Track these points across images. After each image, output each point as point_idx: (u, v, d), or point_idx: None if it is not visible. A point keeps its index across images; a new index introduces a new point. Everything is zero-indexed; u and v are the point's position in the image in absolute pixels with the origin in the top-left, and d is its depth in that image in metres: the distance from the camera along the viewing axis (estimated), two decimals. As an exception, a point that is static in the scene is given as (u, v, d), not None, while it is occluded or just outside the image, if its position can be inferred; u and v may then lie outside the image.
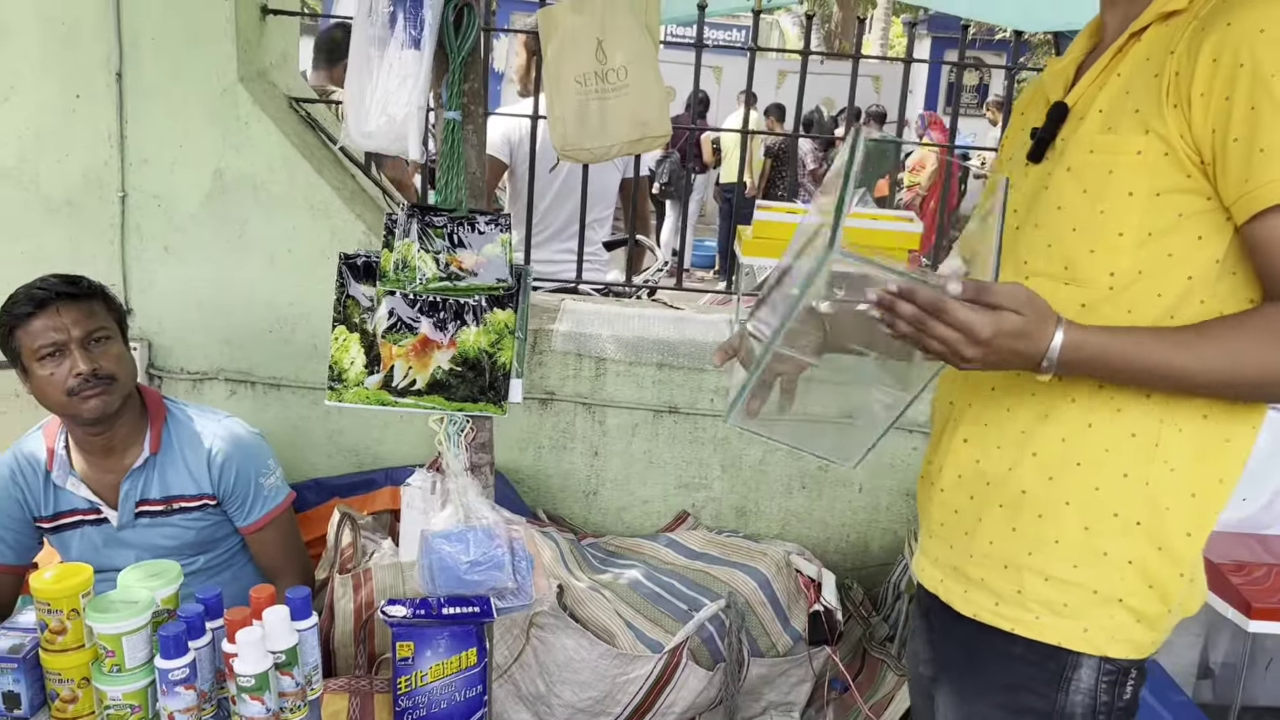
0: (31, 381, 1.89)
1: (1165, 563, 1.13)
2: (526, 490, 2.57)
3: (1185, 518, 1.12)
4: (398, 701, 1.78)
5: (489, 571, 1.76)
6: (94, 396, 1.87)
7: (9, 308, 1.87)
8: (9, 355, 1.90)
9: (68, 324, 1.87)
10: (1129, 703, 1.18)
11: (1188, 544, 1.13)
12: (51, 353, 1.86)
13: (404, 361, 1.79)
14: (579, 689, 2.00)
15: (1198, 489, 1.12)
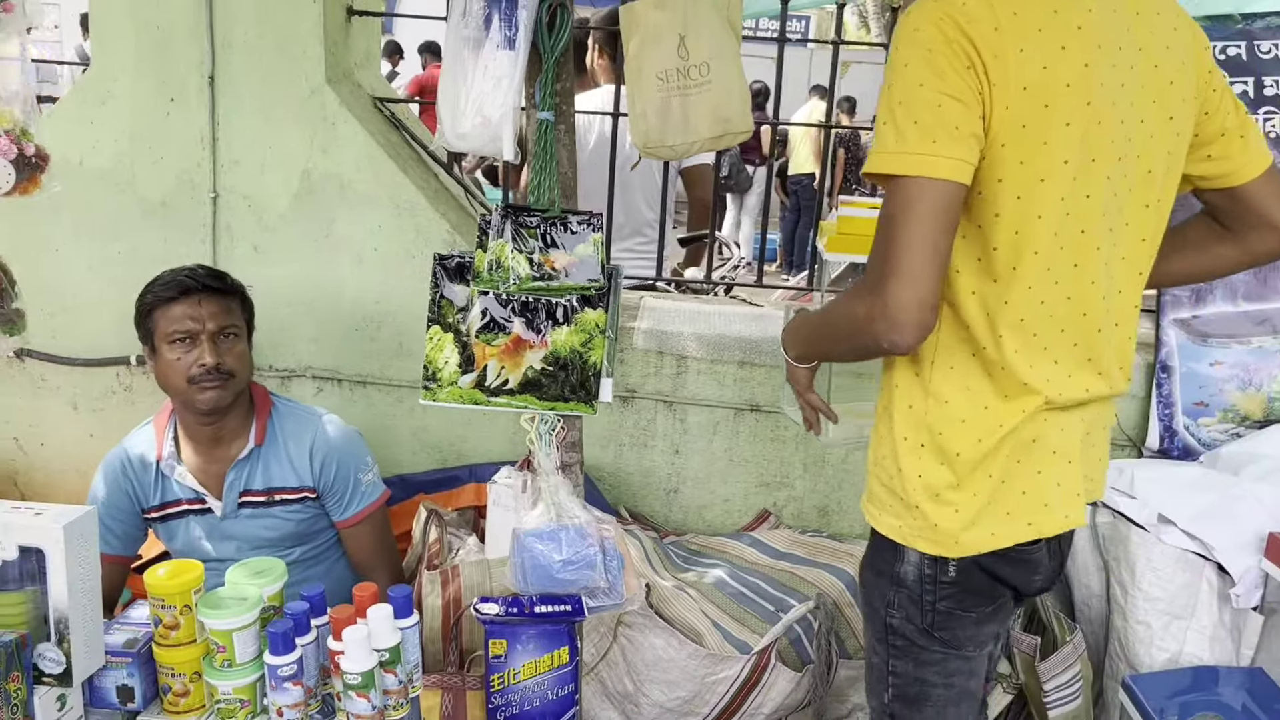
0: (157, 361, 1.98)
1: (947, 493, 1.36)
2: (608, 488, 2.57)
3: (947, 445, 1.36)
4: (490, 699, 1.80)
5: (581, 570, 1.76)
6: (212, 389, 1.94)
7: (154, 288, 1.98)
8: (142, 332, 2.00)
9: (205, 315, 1.96)
10: (955, 578, 1.38)
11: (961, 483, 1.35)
12: (183, 339, 1.94)
13: (497, 361, 1.79)
14: (667, 688, 2.00)
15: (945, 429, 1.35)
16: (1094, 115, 1.26)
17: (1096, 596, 2.25)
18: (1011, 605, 1.49)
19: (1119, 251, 1.35)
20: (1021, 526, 1.36)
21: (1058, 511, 1.37)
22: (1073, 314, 1.33)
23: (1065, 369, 1.34)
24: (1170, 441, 2.43)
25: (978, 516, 1.35)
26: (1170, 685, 1.96)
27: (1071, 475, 1.38)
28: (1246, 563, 2.02)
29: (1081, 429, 1.39)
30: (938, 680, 1.46)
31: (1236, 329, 2.40)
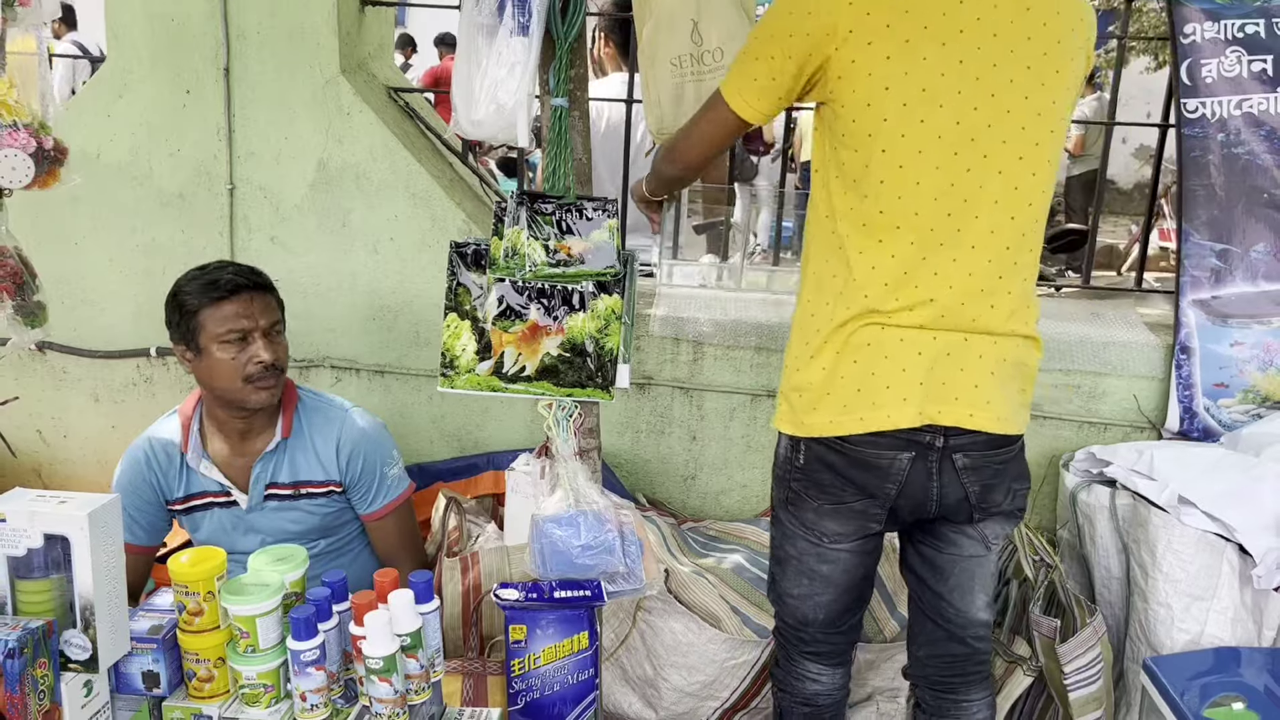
0: (204, 361, 1.94)
1: (794, 375, 1.62)
2: (625, 475, 2.58)
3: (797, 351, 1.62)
4: (511, 684, 1.81)
5: (600, 555, 1.77)
6: (266, 387, 1.95)
7: (193, 288, 1.93)
8: (182, 333, 1.94)
9: (256, 312, 1.95)
10: (804, 465, 1.62)
11: (801, 368, 1.60)
12: (239, 338, 1.93)
13: (514, 348, 1.80)
14: (687, 673, 2.01)
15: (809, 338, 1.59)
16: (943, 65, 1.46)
17: (1116, 579, 2.24)
18: (871, 515, 1.61)
19: (984, 194, 1.49)
20: (854, 420, 1.54)
21: (882, 411, 1.53)
22: (918, 235, 1.50)
23: (909, 282, 1.51)
24: (1190, 423, 2.41)
25: (818, 403, 1.56)
26: (1192, 666, 1.95)
27: (905, 383, 1.52)
28: (1268, 543, 2.00)
29: (935, 348, 1.52)
30: (793, 552, 1.70)
31: (1256, 309, 2.38)
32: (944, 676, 1.74)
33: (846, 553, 1.67)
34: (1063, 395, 2.45)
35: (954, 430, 1.53)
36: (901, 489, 1.57)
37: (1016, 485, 1.62)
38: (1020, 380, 1.58)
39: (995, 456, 1.57)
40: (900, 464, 1.55)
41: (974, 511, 1.59)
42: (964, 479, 1.56)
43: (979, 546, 1.64)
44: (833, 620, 1.74)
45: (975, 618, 1.68)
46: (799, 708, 1.80)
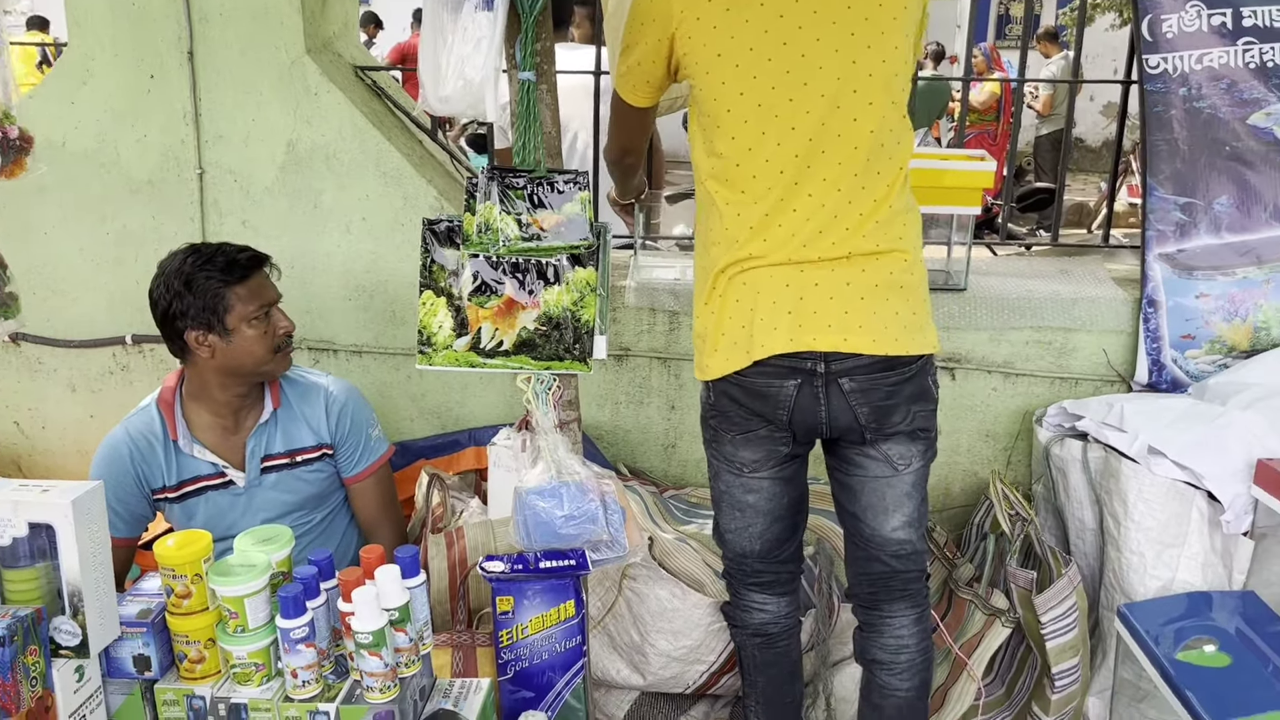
0: (233, 341, 1.95)
1: (696, 325, 1.77)
2: (606, 446, 2.60)
3: (696, 303, 1.77)
4: (500, 654, 1.84)
5: (583, 525, 1.79)
6: (289, 354, 2.07)
7: (218, 271, 1.93)
8: (205, 318, 1.92)
9: (268, 287, 2.02)
10: (714, 402, 1.77)
11: (699, 316, 1.75)
12: (265, 313, 1.99)
13: (490, 323, 1.81)
14: (673, 638, 2.04)
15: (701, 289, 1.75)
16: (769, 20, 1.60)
17: (1090, 530, 2.29)
18: (777, 439, 1.74)
19: (827, 131, 1.61)
20: (741, 355, 1.66)
21: (759, 343, 1.64)
22: (774, 179, 1.63)
23: (772, 223, 1.64)
24: (1159, 375, 2.45)
25: (715, 347, 1.70)
26: (1164, 612, 2.01)
27: (775, 314, 1.64)
28: (1236, 489, 2.06)
29: (803, 280, 1.63)
30: (723, 488, 1.84)
31: (1221, 261, 2.42)
32: (869, 593, 1.82)
33: (768, 480, 1.79)
34: (1034, 352, 2.49)
35: (834, 356, 1.63)
36: (792, 414, 1.68)
37: (916, 406, 1.69)
38: (902, 300, 1.65)
39: (885, 379, 1.64)
40: (787, 390, 1.66)
41: (865, 432, 1.68)
42: (852, 401, 1.65)
43: (885, 468, 1.71)
44: (769, 550, 1.85)
45: (890, 537, 1.75)
46: (751, 640, 1.90)
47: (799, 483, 1.85)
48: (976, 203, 2.43)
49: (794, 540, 1.90)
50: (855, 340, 1.63)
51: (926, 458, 1.78)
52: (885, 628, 1.83)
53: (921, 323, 1.70)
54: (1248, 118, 2.37)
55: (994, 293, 2.51)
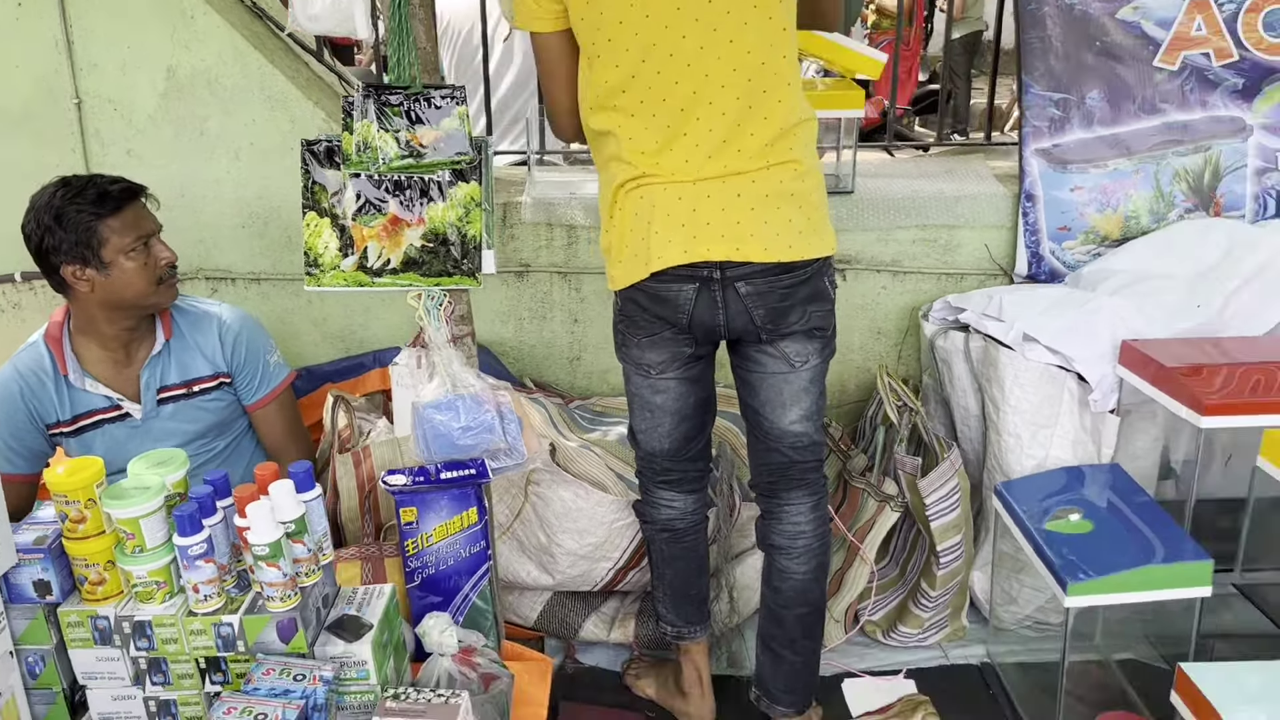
0: (111, 275, 1.93)
1: (602, 240, 1.83)
2: (512, 361, 2.65)
3: (601, 220, 1.82)
4: (407, 563, 1.90)
5: (480, 435, 1.84)
6: (173, 285, 2.04)
7: (89, 204, 1.90)
8: (79, 252, 1.90)
9: (146, 216, 1.99)
10: (622, 308, 1.84)
11: (605, 231, 1.81)
12: (143, 244, 1.96)
13: (376, 242, 1.83)
14: (578, 536, 2.12)
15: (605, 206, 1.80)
16: None
17: (974, 416, 2.41)
18: (680, 341, 1.81)
19: (706, 54, 1.64)
20: (641, 266, 1.73)
21: (656, 255, 1.70)
22: (659, 106, 1.66)
23: (664, 145, 1.68)
24: (1038, 267, 2.57)
25: (619, 259, 1.77)
26: (1036, 487, 2.14)
27: (670, 227, 1.70)
28: (1103, 370, 2.18)
29: (695, 193, 1.69)
30: (634, 390, 1.91)
31: (1093, 154, 2.52)
32: (769, 483, 1.91)
33: (674, 380, 1.87)
34: (920, 250, 2.58)
35: (728, 264, 1.69)
36: (692, 317, 1.76)
37: (812, 307, 1.76)
38: (794, 207, 1.71)
39: (780, 282, 1.72)
40: (686, 295, 1.74)
41: (761, 333, 1.76)
42: (748, 304, 1.72)
43: (783, 365, 1.80)
44: (678, 449, 1.94)
45: (788, 429, 1.84)
46: (659, 535, 2.00)
47: (705, 384, 1.92)
48: (859, 105, 2.48)
49: (700, 439, 1.97)
50: (747, 249, 1.69)
51: (824, 355, 1.85)
52: (783, 515, 1.92)
53: (816, 227, 1.75)
54: (1116, 12, 2.45)
55: (881, 194, 2.58)
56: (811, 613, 1.94)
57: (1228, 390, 1.94)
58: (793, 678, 1.97)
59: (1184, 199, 2.52)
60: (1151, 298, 2.30)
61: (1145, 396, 2.10)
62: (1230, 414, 1.92)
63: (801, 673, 1.97)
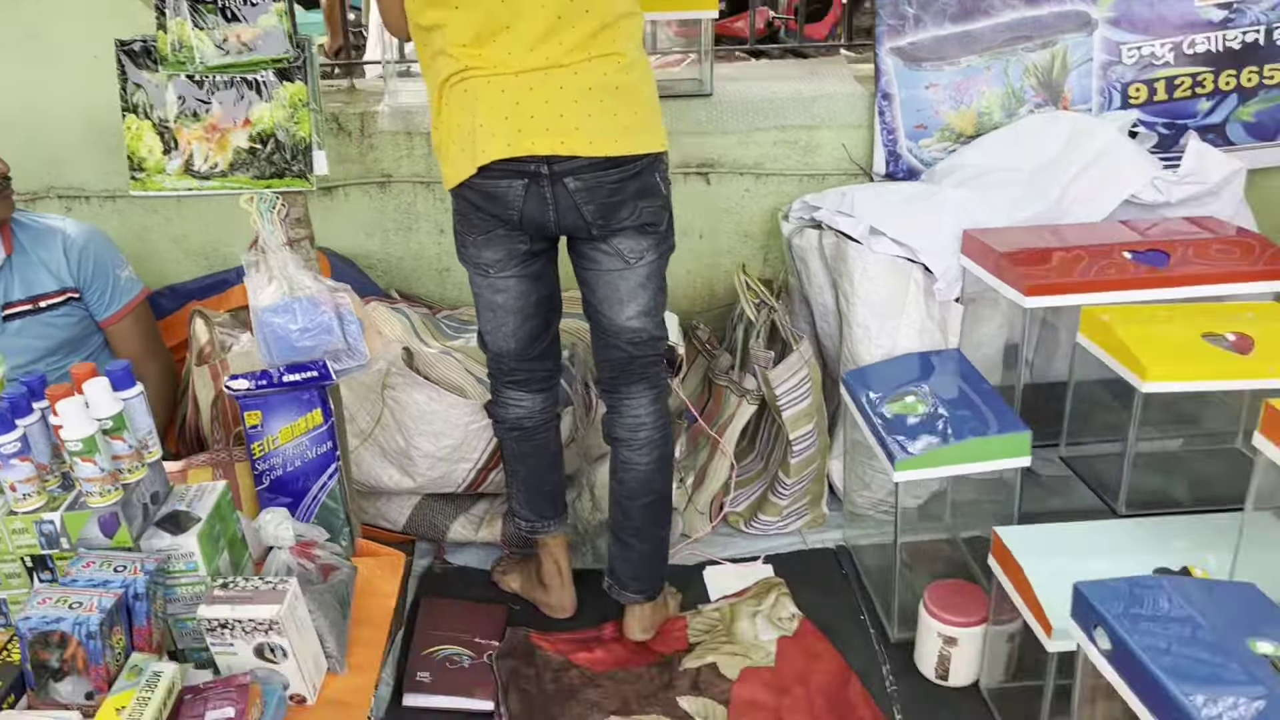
0: None
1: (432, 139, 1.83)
2: (380, 275, 2.65)
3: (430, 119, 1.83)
4: (255, 465, 1.92)
5: (319, 336, 1.86)
6: (8, 197, 2.02)
7: None
8: None
9: None
10: (458, 208, 1.85)
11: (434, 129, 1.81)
12: None
13: (202, 144, 1.82)
14: (434, 439, 2.16)
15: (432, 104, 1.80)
16: None
17: (831, 312, 2.47)
18: (514, 239, 1.83)
19: None
20: (468, 163, 1.73)
21: (481, 149, 1.71)
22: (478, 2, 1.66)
23: (485, 40, 1.68)
24: (895, 165, 2.61)
25: (447, 156, 1.77)
26: (879, 374, 2.21)
27: (493, 120, 1.69)
28: (946, 261, 2.24)
29: (518, 85, 1.69)
30: (477, 291, 1.93)
31: (946, 51, 2.56)
32: (610, 378, 1.96)
33: (514, 279, 1.88)
34: (781, 152, 2.61)
35: (555, 158, 1.69)
36: (522, 214, 1.76)
37: (643, 203, 1.78)
38: (618, 101, 1.72)
39: (608, 177, 1.73)
40: (515, 191, 1.74)
41: (592, 229, 1.77)
42: (577, 200, 1.73)
43: (617, 261, 1.81)
44: (523, 349, 1.96)
45: (625, 325, 1.88)
46: (510, 434, 2.03)
47: (546, 282, 1.93)
48: (713, 6, 2.48)
49: (545, 338, 1.99)
50: (572, 142, 1.70)
51: (660, 251, 1.87)
52: (625, 408, 1.97)
53: (644, 123, 1.76)
54: (964, -93, 2.47)
55: (740, 97, 2.60)
56: (656, 502, 2.00)
57: (1051, 272, 2.01)
58: (641, 566, 2.03)
59: (1034, 94, 2.58)
60: (996, 189, 2.36)
61: (987, 285, 2.16)
62: (1051, 294, 1.99)
63: (649, 561, 2.03)
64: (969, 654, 1.92)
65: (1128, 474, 1.86)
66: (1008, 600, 1.76)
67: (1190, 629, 1.27)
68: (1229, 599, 1.35)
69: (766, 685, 1.97)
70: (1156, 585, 1.36)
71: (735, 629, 2.11)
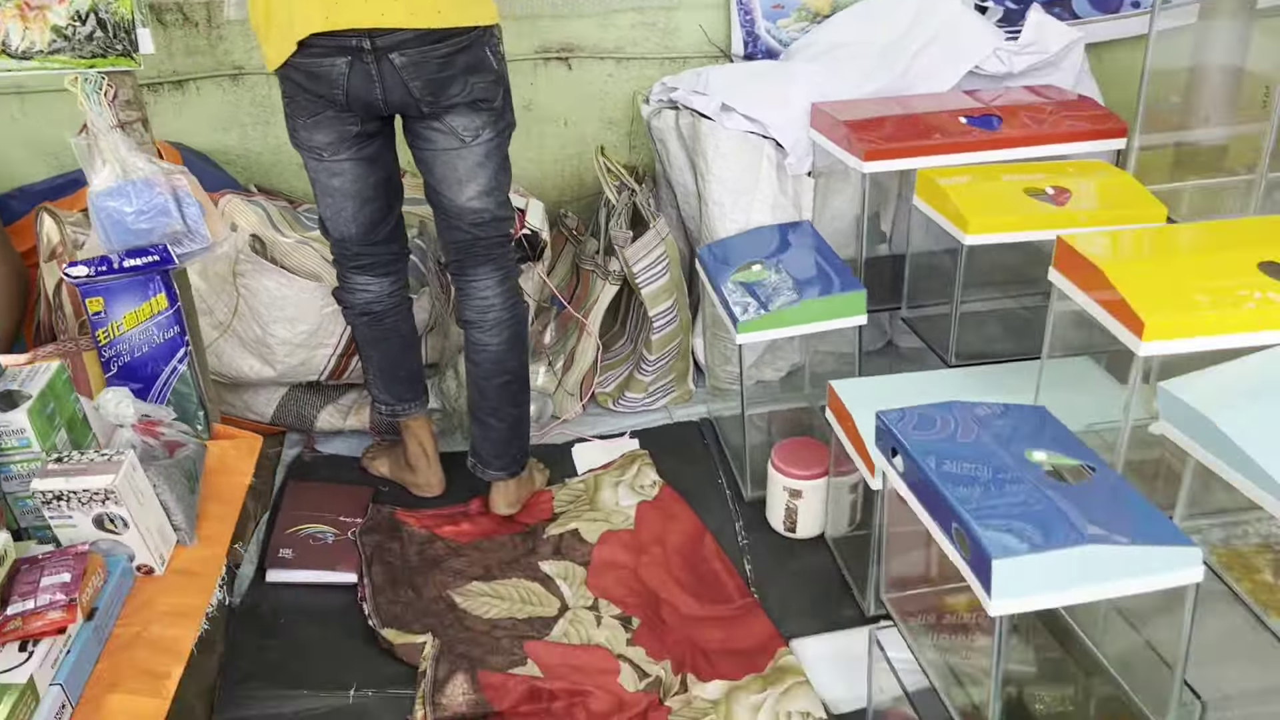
0: None
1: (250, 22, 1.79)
2: (239, 170, 2.61)
3: None
4: (102, 353, 1.91)
5: (156, 219, 1.84)
6: None
7: None
8: None
9: None
10: (285, 90, 1.83)
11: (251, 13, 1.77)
12: None
13: (18, 23, 1.77)
14: (289, 325, 2.16)
15: None
16: None
17: (692, 193, 2.50)
18: (344, 120, 1.81)
19: None
20: (289, 42, 1.71)
21: (300, 24, 1.68)
22: None
23: None
24: (754, 46, 2.64)
25: (266, 37, 1.75)
26: (730, 248, 2.26)
27: (310, 8, 1.67)
28: (797, 135, 2.29)
29: None
30: (313, 176, 1.92)
31: (798, -72, 2.57)
32: (456, 260, 1.97)
33: (349, 162, 1.86)
34: (640, 35, 2.62)
35: (377, 32, 1.68)
36: (348, 92, 1.74)
37: (474, 78, 1.77)
38: None
39: (434, 52, 1.71)
40: (339, 69, 1.72)
41: (421, 105, 1.76)
42: (404, 76, 1.72)
43: (453, 140, 1.81)
44: (365, 233, 1.95)
45: (466, 206, 1.88)
46: (359, 319, 2.03)
47: (383, 164, 1.93)
48: (563, -116, 2.46)
49: (389, 222, 1.99)
50: (393, 15, 1.67)
51: (498, 129, 1.87)
52: (473, 290, 1.99)
53: None
54: None
55: (597, -22, 2.59)
56: (511, 381, 2.03)
57: (889, 138, 2.07)
58: (501, 444, 2.07)
59: (888, -29, 2.61)
60: (847, 63, 2.40)
61: (835, 157, 2.21)
62: (887, 159, 2.06)
63: (509, 438, 2.07)
64: (814, 506, 2.02)
65: (955, 327, 1.95)
66: (845, 451, 1.85)
67: (974, 444, 1.36)
68: (1018, 419, 1.44)
69: (625, 546, 2.05)
70: (950, 409, 1.45)
71: (598, 498, 2.18)
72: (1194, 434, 1.26)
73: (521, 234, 2.39)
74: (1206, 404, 1.25)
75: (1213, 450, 1.23)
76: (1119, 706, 1.38)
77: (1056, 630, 1.52)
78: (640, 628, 1.86)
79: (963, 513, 1.21)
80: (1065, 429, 1.41)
